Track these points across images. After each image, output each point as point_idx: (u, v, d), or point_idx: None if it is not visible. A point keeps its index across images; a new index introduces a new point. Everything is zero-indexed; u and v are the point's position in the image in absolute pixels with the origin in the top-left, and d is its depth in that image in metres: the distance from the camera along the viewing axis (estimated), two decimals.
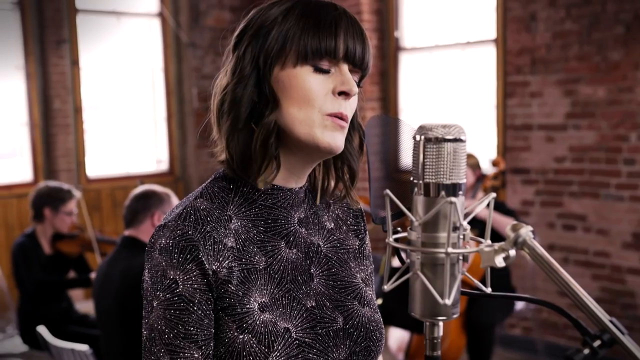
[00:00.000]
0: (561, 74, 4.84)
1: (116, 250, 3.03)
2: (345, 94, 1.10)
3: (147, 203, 3.03)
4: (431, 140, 0.87)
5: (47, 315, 4.07)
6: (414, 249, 0.88)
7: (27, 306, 4.11)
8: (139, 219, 3.01)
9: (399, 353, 4.16)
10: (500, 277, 4.13)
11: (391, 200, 0.89)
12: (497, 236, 3.80)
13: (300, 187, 1.19)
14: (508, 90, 5.15)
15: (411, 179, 0.91)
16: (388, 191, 0.89)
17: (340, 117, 1.10)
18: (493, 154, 5.23)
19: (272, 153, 1.10)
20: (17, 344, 4.31)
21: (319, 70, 1.09)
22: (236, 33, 1.15)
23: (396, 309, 3.90)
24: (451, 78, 5.80)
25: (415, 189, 0.89)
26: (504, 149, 5.20)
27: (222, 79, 1.15)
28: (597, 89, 4.68)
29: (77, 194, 4.28)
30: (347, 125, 1.12)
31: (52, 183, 4.39)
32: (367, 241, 1.32)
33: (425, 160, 0.87)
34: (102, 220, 6.28)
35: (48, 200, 4.15)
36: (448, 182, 0.87)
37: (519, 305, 4.44)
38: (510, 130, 5.16)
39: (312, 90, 1.08)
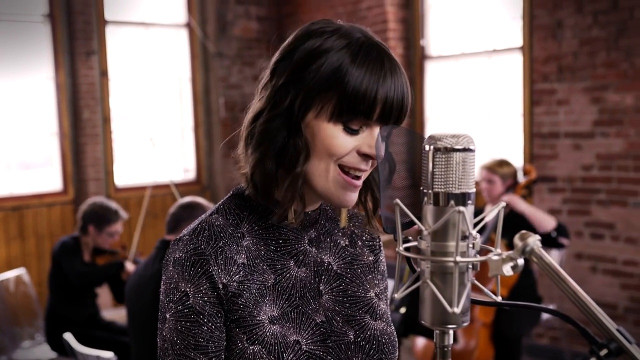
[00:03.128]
0: (588, 81, 4.79)
1: (153, 253, 3.10)
2: (368, 156, 1.09)
3: (192, 213, 3.12)
4: (440, 149, 0.88)
5: (74, 318, 4.15)
6: (424, 257, 0.89)
7: (55, 308, 4.18)
8: (181, 227, 3.11)
9: None
10: (526, 288, 4.09)
11: (401, 209, 0.90)
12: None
13: (314, 210, 1.21)
14: (535, 98, 5.12)
15: (421, 188, 0.91)
16: (398, 200, 0.90)
17: (358, 174, 1.10)
18: (520, 162, 5.19)
19: (300, 194, 1.11)
20: (45, 351, 4.37)
21: (348, 130, 1.08)
22: (278, 56, 1.12)
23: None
24: (477, 86, 5.77)
25: (425, 199, 0.90)
26: (531, 157, 5.16)
27: (258, 102, 1.13)
28: (625, 96, 4.63)
29: (124, 215, 4.33)
30: (361, 184, 1.12)
31: (103, 202, 4.38)
32: (383, 258, 1.32)
33: (435, 170, 0.88)
34: (130, 229, 6.34)
35: (94, 219, 4.21)
36: (457, 191, 0.88)
37: (546, 314, 4.40)
38: (537, 138, 5.13)
39: (337, 147, 1.08)
